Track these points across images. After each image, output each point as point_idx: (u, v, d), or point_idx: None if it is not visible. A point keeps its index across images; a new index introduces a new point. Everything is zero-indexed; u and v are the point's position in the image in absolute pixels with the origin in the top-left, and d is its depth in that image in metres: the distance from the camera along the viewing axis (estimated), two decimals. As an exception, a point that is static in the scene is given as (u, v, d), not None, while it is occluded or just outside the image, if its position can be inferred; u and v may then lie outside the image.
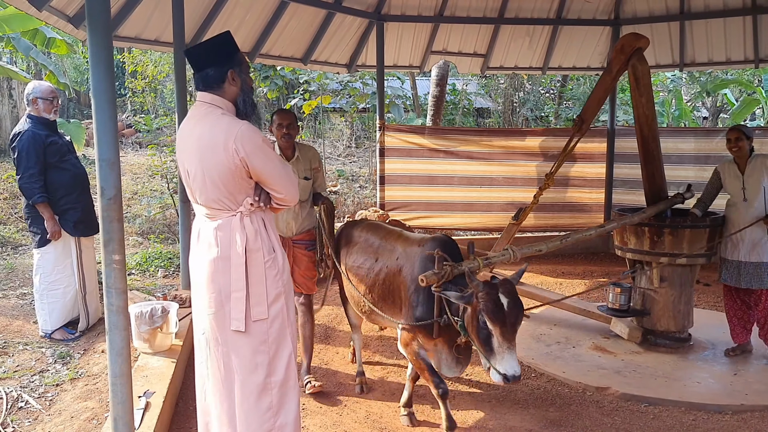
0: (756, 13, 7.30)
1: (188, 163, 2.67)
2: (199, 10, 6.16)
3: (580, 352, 4.83)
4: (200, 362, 2.82)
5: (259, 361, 2.69)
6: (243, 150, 2.54)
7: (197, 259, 2.75)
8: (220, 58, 2.67)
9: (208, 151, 2.58)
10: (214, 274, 2.66)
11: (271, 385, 2.72)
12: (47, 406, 3.77)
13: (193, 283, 2.81)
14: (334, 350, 4.91)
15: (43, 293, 4.80)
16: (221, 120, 2.62)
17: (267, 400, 2.71)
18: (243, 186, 2.63)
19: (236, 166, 2.56)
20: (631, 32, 4.79)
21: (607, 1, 7.83)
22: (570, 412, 3.86)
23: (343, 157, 14.39)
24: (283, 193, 2.68)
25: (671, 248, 4.57)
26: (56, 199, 4.74)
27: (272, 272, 2.69)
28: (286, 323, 2.76)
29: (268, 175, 2.63)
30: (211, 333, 2.73)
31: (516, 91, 17.16)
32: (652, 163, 4.84)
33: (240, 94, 2.72)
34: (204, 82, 2.67)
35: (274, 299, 2.70)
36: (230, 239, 2.64)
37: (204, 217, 2.73)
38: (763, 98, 13.39)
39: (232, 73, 2.67)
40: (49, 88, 4.83)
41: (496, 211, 8.26)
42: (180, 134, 2.75)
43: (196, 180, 2.64)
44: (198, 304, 2.78)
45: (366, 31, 7.76)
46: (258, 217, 2.69)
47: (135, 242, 8.25)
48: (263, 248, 2.67)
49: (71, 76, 16.51)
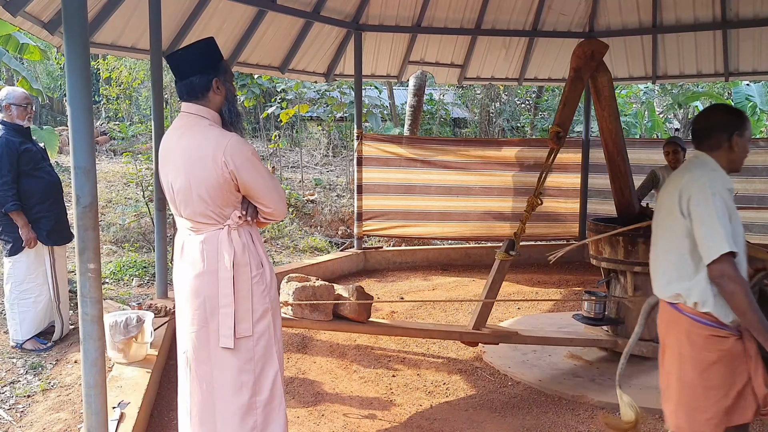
0: (726, 28, 7.48)
1: (173, 175, 2.59)
2: (176, 17, 6.13)
3: (556, 360, 4.87)
4: (183, 380, 2.74)
5: (244, 381, 2.61)
6: (233, 163, 2.48)
7: (181, 274, 2.67)
8: (204, 66, 2.59)
9: (196, 163, 2.51)
10: (199, 289, 2.59)
11: (256, 405, 2.63)
12: (18, 418, 3.70)
13: (177, 300, 2.73)
14: (311, 359, 4.89)
15: (13, 303, 4.71)
16: (209, 132, 2.56)
17: (251, 421, 2.63)
18: (230, 199, 2.57)
19: (225, 179, 2.50)
20: (594, 39, 4.76)
21: (581, 14, 7.96)
22: (546, 420, 3.89)
23: (321, 166, 14.38)
24: (271, 207, 2.62)
25: (645, 257, 4.62)
26: (29, 207, 4.65)
27: (259, 288, 2.63)
28: (272, 341, 2.68)
29: (257, 189, 2.57)
30: (193, 352, 2.64)
31: (492, 101, 17.33)
32: (619, 178, 4.89)
33: (225, 104, 2.67)
34: (188, 92, 2.60)
35: (261, 316, 2.64)
36: (217, 253, 2.57)
37: (188, 231, 2.65)
38: (733, 111, 13.66)
39: (216, 82, 2.60)
40: (23, 94, 4.75)
41: (473, 221, 8.33)
42: (164, 146, 2.67)
43: (181, 193, 2.57)
44: (181, 321, 2.70)
45: (344, 40, 7.79)
46: (245, 231, 2.63)
47: (109, 251, 8.14)
48: (251, 263, 2.61)
49: (44, 82, 16.29)
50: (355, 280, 7.49)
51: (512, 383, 4.47)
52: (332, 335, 5.44)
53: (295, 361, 4.85)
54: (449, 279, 7.60)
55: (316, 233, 10.13)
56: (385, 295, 6.81)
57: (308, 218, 10.57)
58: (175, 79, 2.65)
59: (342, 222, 10.69)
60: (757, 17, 7.28)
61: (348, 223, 10.48)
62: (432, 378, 4.54)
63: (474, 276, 7.76)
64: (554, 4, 7.80)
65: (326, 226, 10.51)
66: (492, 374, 4.62)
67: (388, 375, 4.58)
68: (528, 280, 7.51)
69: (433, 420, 3.86)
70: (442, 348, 5.16)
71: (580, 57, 4.56)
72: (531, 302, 6.58)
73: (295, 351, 5.07)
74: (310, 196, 11.37)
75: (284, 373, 4.42)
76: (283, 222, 10.02)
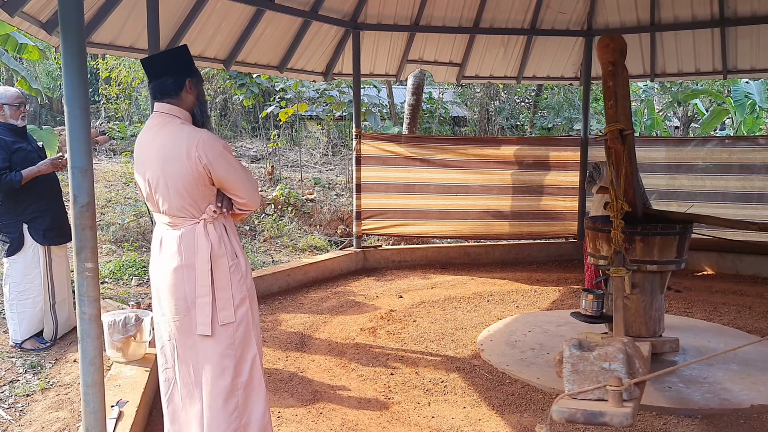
0: (724, 26, 7.49)
1: (150, 172, 2.72)
2: (174, 17, 6.13)
3: (553, 358, 4.87)
4: (167, 368, 2.87)
5: (226, 365, 2.76)
6: (206, 157, 2.62)
7: (160, 267, 2.80)
8: (178, 68, 2.76)
9: (170, 159, 2.64)
10: (179, 282, 2.72)
11: (237, 387, 2.79)
12: (17, 417, 3.71)
13: (154, 292, 2.86)
14: (310, 358, 4.90)
15: (12, 303, 4.72)
16: (182, 129, 2.70)
17: (233, 402, 2.77)
18: (206, 193, 2.71)
19: (199, 173, 2.63)
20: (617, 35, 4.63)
21: (579, 12, 7.97)
22: (544, 418, 3.89)
23: (320, 165, 14.38)
24: (245, 198, 2.77)
25: (642, 255, 4.64)
26: (25, 206, 4.65)
27: (236, 277, 2.77)
28: (250, 326, 2.83)
29: (230, 181, 2.71)
30: (179, 339, 2.78)
31: (491, 100, 17.34)
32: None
33: (197, 104, 2.83)
34: (162, 91, 2.75)
35: (240, 303, 2.78)
36: (195, 247, 2.70)
37: (166, 226, 2.78)
38: (732, 108, 13.70)
39: (189, 82, 2.78)
40: (15, 93, 4.74)
41: (472, 219, 8.34)
42: (139, 144, 2.80)
43: (159, 189, 2.69)
44: (161, 312, 2.82)
45: (342, 39, 7.80)
46: (220, 224, 2.77)
47: (108, 250, 8.15)
48: (227, 254, 2.75)
49: (43, 82, 16.29)
50: (354, 278, 7.50)
51: (510, 381, 4.48)
52: (331, 334, 5.46)
53: (294, 360, 4.86)
54: (448, 277, 7.61)
55: (316, 232, 10.14)
56: (384, 293, 6.82)
57: (307, 217, 10.58)
58: (149, 79, 2.80)
59: (341, 221, 10.70)
60: (755, 15, 7.29)
61: (347, 222, 10.48)
62: (430, 376, 4.55)
63: (473, 274, 7.76)
64: (552, 3, 7.81)
65: (325, 225, 10.52)
66: (490, 372, 4.63)
67: (387, 373, 4.59)
68: (527, 278, 7.52)
69: (431, 418, 3.87)
70: (440, 346, 5.17)
71: (615, 50, 4.46)
72: (530, 300, 6.59)
73: (293, 349, 5.08)
74: (309, 195, 11.38)
75: (282, 370, 4.46)
76: (282, 221, 10.04)
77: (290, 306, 6.32)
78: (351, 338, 5.36)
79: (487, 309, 6.26)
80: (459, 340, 5.31)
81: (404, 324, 5.75)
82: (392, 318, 5.91)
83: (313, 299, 6.57)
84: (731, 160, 7.66)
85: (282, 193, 10.61)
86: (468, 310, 6.20)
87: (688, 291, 6.93)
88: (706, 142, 7.97)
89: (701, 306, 6.38)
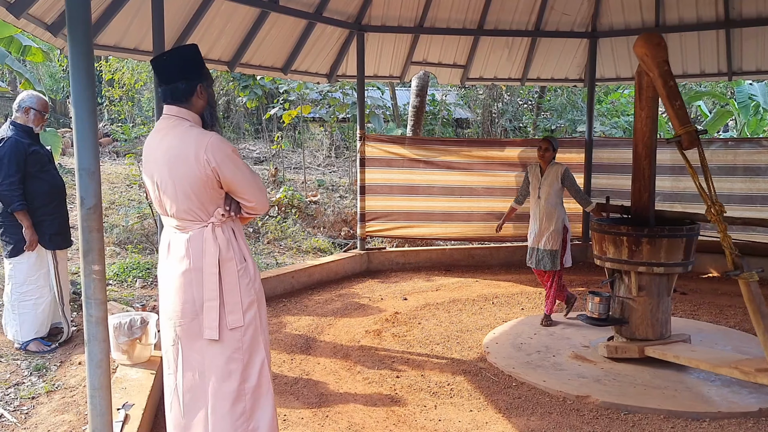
0: (729, 27, 7.47)
1: (158, 175, 2.69)
2: (179, 18, 6.13)
3: (560, 360, 4.85)
4: (170, 373, 2.84)
5: (233, 369, 2.72)
6: (214, 160, 2.59)
7: (168, 271, 2.77)
8: (190, 72, 2.73)
9: (178, 162, 2.61)
10: (187, 286, 2.69)
11: (245, 392, 2.75)
12: (23, 420, 3.70)
13: (162, 295, 2.83)
14: (315, 360, 4.89)
15: (14, 304, 4.72)
16: (190, 131, 2.67)
17: (240, 406, 2.74)
18: (214, 196, 2.68)
19: (207, 176, 2.60)
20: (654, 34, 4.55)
21: (584, 14, 7.96)
22: (551, 421, 3.88)
23: (323, 166, 14.38)
24: (253, 201, 2.74)
25: (649, 257, 4.63)
26: (33, 209, 4.68)
27: (245, 281, 2.74)
28: (258, 330, 2.80)
29: (238, 184, 2.68)
30: (184, 343, 2.75)
31: (495, 101, 17.33)
32: (641, 180, 4.86)
33: (206, 107, 2.80)
34: (173, 95, 2.72)
35: (248, 307, 2.75)
36: (203, 250, 2.67)
37: (174, 229, 2.76)
38: (736, 110, 13.66)
39: (201, 87, 2.74)
40: (45, 102, 4.89)
41: (476, 221, 8.32)
42: (147, 146, 2.78)
43: (167, 192, 2.67)
44: (168, 315, 2.79)
45: (346, 41, 7.79)
46: (228, 227, 2.74)
47: (113, 252, 8.15)
48: (235, 258, 2.72)
49: (47, 84, 16.33)
50: (358, 280, 7.49)
51: (516, 384, 4.46)
52: (336, 336, 5.44)
53: (299, 363, 4.84)
54: (452, 279, 7.60)
55: (319, 234, 10.13)
56: (388, 295, 6.80)
57: (311, 219, 10.58)
58: (159, 82, 2.77)
59: (345, 223, 10.69)
60: (761, 16, 7.27)
61: (351, 224, 10.48)
62: (436, 379, 4.53)
63: (477, 276, 7.75)
64: (557, 4, 7.80)
65: (329, 227, 10.52)
66: (496, 375, 4.61)
67: (392, 376, 4.58)
68: (531, 280, 7.49)
69: (437, 421, 3.85)
70: (446, 349, 5.16)
71: (664, 48, 4.38)
72: (535, 302, 6.57)
73: (299, 352, 5.07)
74: (312, 197, 11.37)
75: (288, 373, 4.44)
76: (286, 223, 10.03)
77: (294, 308, 6.31)
78: (356, 340, 5.34)
79: (492, 311, 6.24)
80: (464, 343, 5.29)
81: (409, 326, 5.73)
82: (397, 320, 5.90)
83: (317, 301, 6.56)
84: (736, 161, 7.63)
85: (286, 195, 10.60)
86: (473, 313, 6.18)
87: (694, 293, 6.91)
88: (711, 144, 7.94)
89: (707, 308, 6.36)
